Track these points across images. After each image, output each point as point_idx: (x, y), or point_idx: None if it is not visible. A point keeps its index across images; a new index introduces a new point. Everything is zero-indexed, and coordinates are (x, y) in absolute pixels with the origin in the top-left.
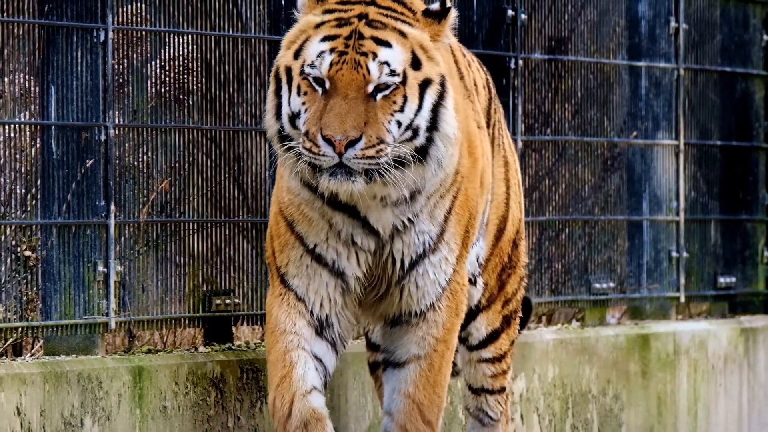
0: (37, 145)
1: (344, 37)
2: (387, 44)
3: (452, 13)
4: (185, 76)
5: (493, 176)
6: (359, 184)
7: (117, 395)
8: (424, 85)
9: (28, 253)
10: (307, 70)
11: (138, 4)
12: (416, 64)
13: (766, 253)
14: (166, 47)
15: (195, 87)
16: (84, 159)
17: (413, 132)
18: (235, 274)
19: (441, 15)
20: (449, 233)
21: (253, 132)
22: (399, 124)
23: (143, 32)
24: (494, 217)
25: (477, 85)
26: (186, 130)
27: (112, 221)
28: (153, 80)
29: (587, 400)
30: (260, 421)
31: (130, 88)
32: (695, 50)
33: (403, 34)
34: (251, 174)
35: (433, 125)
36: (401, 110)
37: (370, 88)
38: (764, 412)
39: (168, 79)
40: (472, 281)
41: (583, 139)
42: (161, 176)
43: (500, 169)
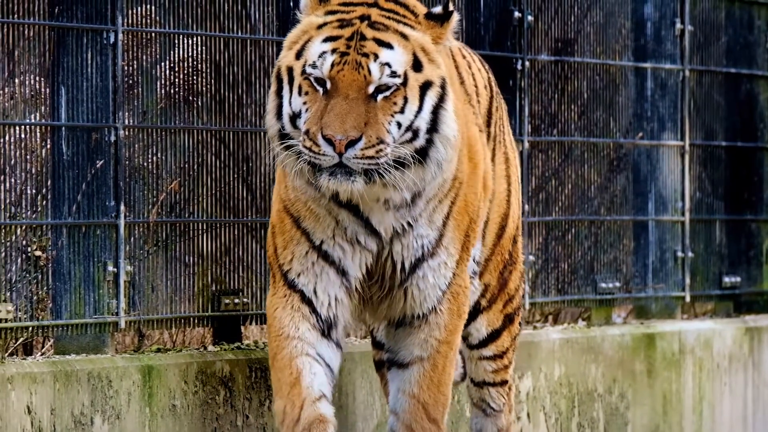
0: (48, 146)
1: (346, 38)
2: (388, 46)
3: (455, 17)
4: (194, 78)
5: (494, 173)
6: (359, 184)
7: (127, 394)
8: (425, 87)
9: (38, 253)
10: (308, 70)
11: (148, 6)
12: (417, 66)
13: None
14: (176, 49)
15: (204, 88)
16: (94, 160)
17: (413, 133)
18: (244, 274)
19: (443, 18)
20: (448, 238)
21: (262, 133)
22: (399, 125)
23: (153, 34)
24: (496, 216)
25: (478, 86)
26: (195, 131)
27: (121, 221)
28: (162, 81)
29: (593, 399)
30: (269, 419)
31: (140, 89)
32: (700, 52)
33: (404, 36)
34: (260, 174)
35: (433, 127)
36: (401, 111)
37: (371, 89)
38: None
39: (177, 80)
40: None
41: (589, 140)
42: (171, 177)
43: (501, 166)
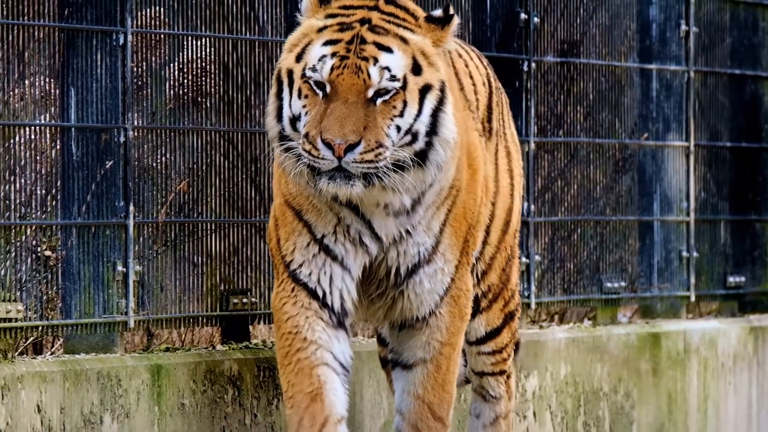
0: (58, 147)
1: (346, 42)
2: (388, 50)
3: (455, 20)
4: (203, 79)
5: (497, 167)
6: (358, 187)
7: (136, 393)
8: (424, 90)
9: (48, 253)
10: (308, 73)
11: (157, 7)
12: (417, 69)
13: None
14: (184, 50)
15: (213, 89)
16: (103, 160)
17: (413, 136)
18: (252, 274)
19: (444, 21)
20: (445, 245)
21: None
22: (398, 128)
23: (162, 35)
24: (501, 211)
25: (476, 84)
26: (204, 131)
27: (131, 221)
28: (171, 83)
29: (599, 398)
30: (277, 418)
31: (149, 90)
32: (705, 53)
33: (404, 40)
34: (268, 175)
35: (433, 130)
36: (401, 115)
37: (371, 93)
38: None
39: (186, 81)
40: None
41: (594, 141)
42: (179, 177)
43: (503, 160)
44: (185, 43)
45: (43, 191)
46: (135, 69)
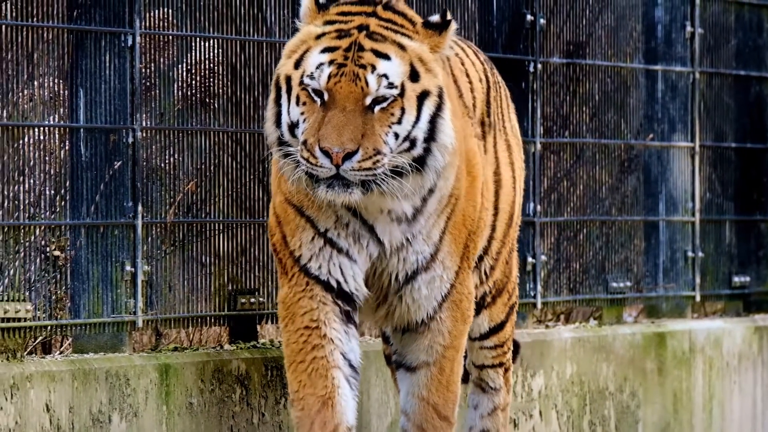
0: (66, 147)
1: (344, 49)
2: (386, 57)
3: (452, 26)
4: (211, 80)
5: (498, 161)
6: (356, 195)
7: (144, 392)
8: (422, 97)
9: (57, 252)
10: (306, 81)
11: (165, 9)
12: (414, 76)
13: None
14: (193, 51)
15: (220, 90)
16: (112, 161)
17: (411, 143)
18: (260, 274)
19: (442, 27)
20: (444, 252)
21: None
22: (396, 135)
23: (170, 37)
24: (505, 205)
25: (472, 82)
26: (212, 132)
27: (139, 222)
28: (179, 84)
29: (604, 397)
30: (284, 417)
31: (157, 91)
32: (710, 54)
33: (402, 47)
34: None
35: (431, 136)
36: (399, 122)
37: (368, 101)
38: None
39: (194, 82)
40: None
41: (600, 142)
42: (187, 178)
43: (504, 153)
44: (193, 44)
45: (52, 191)
46: (143, 70)
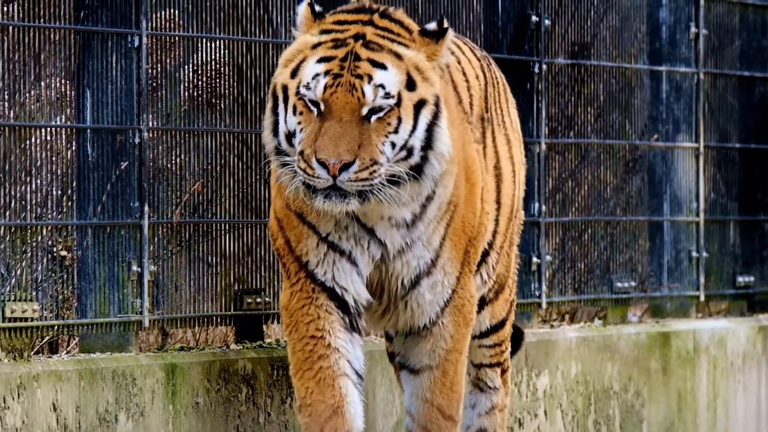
0: (73, 148)
1: (340, 59)
2: (382, 66)
3: (449, 34)
4: (217, 81)
5: (498, 156)
6: (353, 204)
7: (150, 392)
8: (419, 105)
9: (64, 253)
10: (302, 91)
11: (171, 10)
12: (411, 85)
13: None
14: (199, 52)
15: (227, 91)
16: (118, 161)
17: (408, 152)
18: (266, 274)
19: (438, 35)
20: (444, 258)
21: None
22: (393, 145)
23: (176, 38)
24: (506, 199)
25: (469, 80)
26: (218, 133)
27: (145, 222)
28: (186, 84)
29: (609, 397)
30: (290, 417)
31: (164, 92)
32: (715, 55)
33: (398, 56)
34: None
35: (428, 144)
36: (395, 132)
37: (365, 111)
38: None
39: (200, 83)
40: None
41: (605, 142)
42: (194, 178)
43: (504, 148)
44: (200, 45)
45: (59, 192)
46: (150, 71)
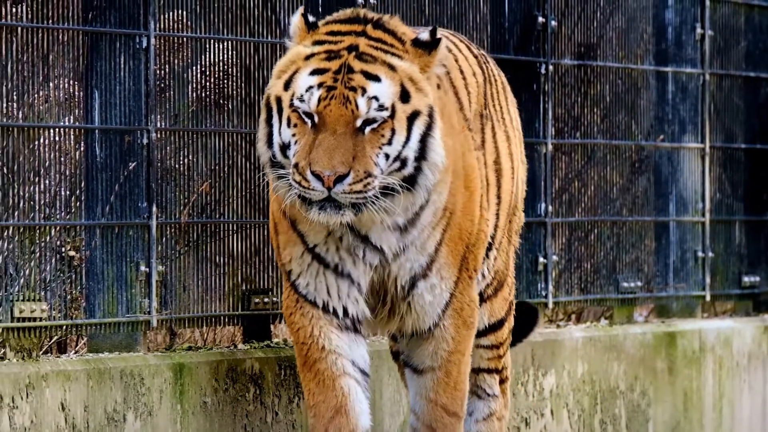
0: (82, 148)
1: (333, 71)
2: (376, 78)
3: (442, 45)
4: (225, 81)
5: (498, 152)
6: (348, 216)
7: (159, 391)
8: (413, 117)
9: (72, 253)
10: (296, 103)
11: (179, 11)
12: (405, 96)
13: None
14: (207, 53)
15: (234, 92)
16: (127, 162)
17: (401, 163)
18: (274, 274)
19: (431, 46)
20: (440, 263)
21: None
22: (387, 156)
23: (184, 38)
24: (506, 195)
25: (467, 79)
26: (226, 133)
27: (153, 222)
28: (194, 85)
29: (615, 396)
30: (297, 416)
31: (172, 92)
32: (720, 56)
33: (392, 68)
34: None
35: (422, 155)
36: (389, 143)
37: (359, 123)
38: None
39: (208, 84)
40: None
41: (611, 143)
42: (202, 178)
43: (503, 144)
44: (207, 46)
45: (67, 192)
46: (158, 72)
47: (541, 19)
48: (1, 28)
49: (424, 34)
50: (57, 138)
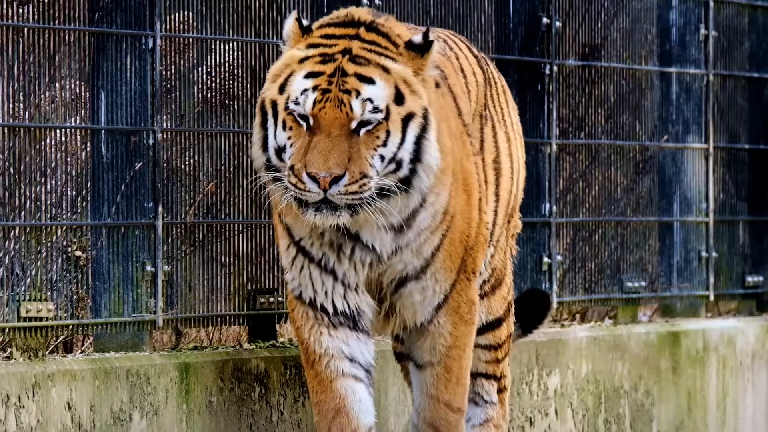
0: (88, 149)
1: (328, 75)
2: (370, 81)
3: (435, 47)
4: (231, 82)
5: (498, 151)
6: (344, 217)
7: (164, 391)
8: (407, 119)
9: (78, 253)
10: (291, 106)
11: (185, 12)
12: (399, 99)
13: None
14: (213, 54)
15: (240, 92)
16: (133, 162)
17: (397, 165)
18: (279, 274)
19: (424, 48)
20: (436, 266)
21: None
22: (382, 158)
23: (190, 39)
24: (505, 192)
25: (467, 79)
26: (231, 134)
27: (159, 222)
28: (200, 86)
29: (619, 396)
30: (303, 415)
31: (178, 93)
32: (724, 57)
33: (386, 70)
34: None
35: (417, 157)
36: (384, 145)
37: (354, 125)
38: None
39: (214, 84)
40: None
41: (615, 143)
42: (207, 179)
43: (504, 144)
44: (213, 46)
45: (74, 192)
46: (164, 72)
47: (545, 20)
48: (7, 29)
49: (417, 37)
50: (63, 138)
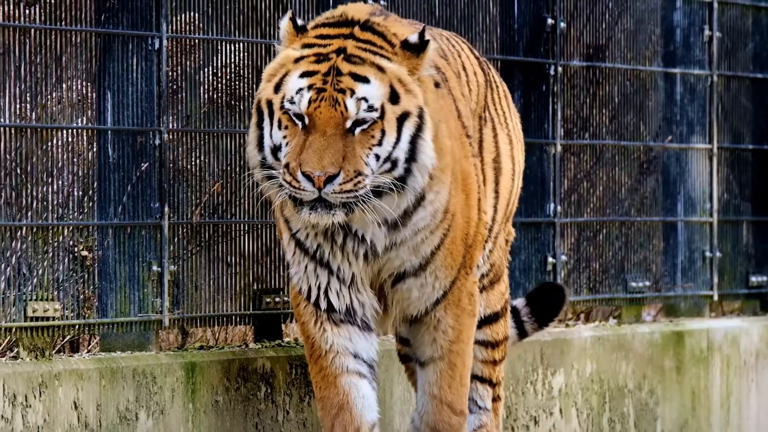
0: (94, 149)
1: (322, 74)
2: (365, 80)
3: (430, 47)
4: (237, 83)
5: (499, 152)
6: (338, 216)
7: (170, 390)
8: (402, 118)
9: (85, 253)
10: (286, 105)
11: (191, 13)
12: (394, 98)
13: None
14: (219, 55)
15: (246, 93)
16: (139, 162)
17: (392, 164)
18: (285, 273)
19: (419, 48)
20: (436, 264)
21: None
22: (377, 157)
23: (196, 40)
24: (505, 191)
25: (469, 79)
26: (237, 134)
27: (165, 222)
28: (206, 86)
29: (624, 395)
30: (308, 415)
31: (184, 94)
32: (728, 57)
33: (381, 69)
34: None
35: (412, 156)
36: (379, 144)
37: (349, 124)
38: None
39: (220, 85)
40: None
41: (620, 143)
42: (213, 179)
43: (506, 146)
44: (219, 47)
45: (80, 192)
46: (170, 73)
47: (550, 21)
48: (14, 30)
49: (413, 36)
50: (70, 139)
